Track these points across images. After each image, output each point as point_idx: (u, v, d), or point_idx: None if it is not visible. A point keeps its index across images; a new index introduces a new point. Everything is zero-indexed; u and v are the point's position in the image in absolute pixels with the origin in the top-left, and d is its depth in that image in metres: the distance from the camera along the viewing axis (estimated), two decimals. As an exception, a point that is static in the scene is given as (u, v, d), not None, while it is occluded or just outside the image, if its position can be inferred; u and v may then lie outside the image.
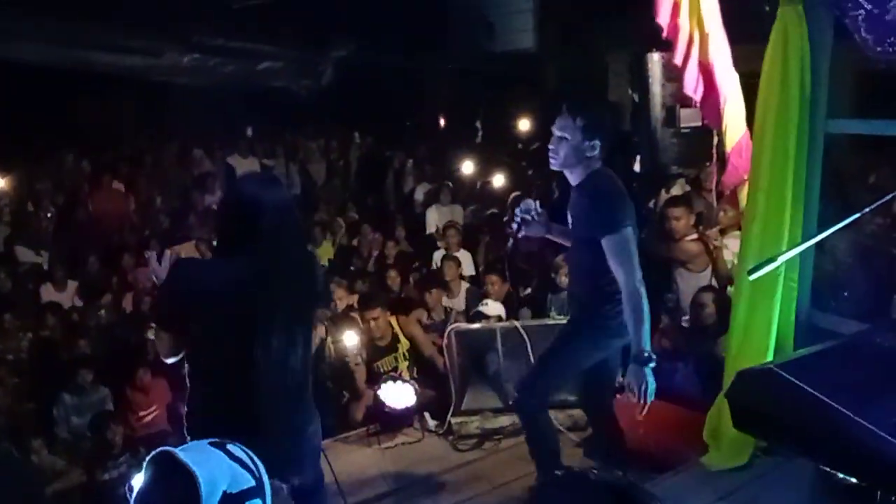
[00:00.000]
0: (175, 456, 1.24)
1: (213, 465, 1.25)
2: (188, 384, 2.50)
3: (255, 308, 2.32)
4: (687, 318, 4.90)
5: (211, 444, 1.33)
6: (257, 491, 1.28)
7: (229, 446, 1.31)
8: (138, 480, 3.14)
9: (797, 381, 1.77)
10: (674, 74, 5.45)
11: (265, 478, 1.31)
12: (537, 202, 3.36)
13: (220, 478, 1.24)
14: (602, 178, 3.13)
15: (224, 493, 1.22)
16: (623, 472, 2.84)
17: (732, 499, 3.38)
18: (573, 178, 3.21)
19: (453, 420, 4.62)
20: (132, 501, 1.25)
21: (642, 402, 3.07)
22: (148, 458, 1.27)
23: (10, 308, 6.42)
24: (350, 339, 5.02)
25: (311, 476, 2.65)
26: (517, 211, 3.36)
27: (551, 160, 3.20)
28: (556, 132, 3.14)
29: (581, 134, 3.08)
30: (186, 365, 2.52)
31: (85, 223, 8.55)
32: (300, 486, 2.45)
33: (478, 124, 11.96)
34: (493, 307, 5.56)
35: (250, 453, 1.32)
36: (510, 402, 4.05)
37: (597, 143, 3.08)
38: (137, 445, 4.92)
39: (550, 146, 3.18)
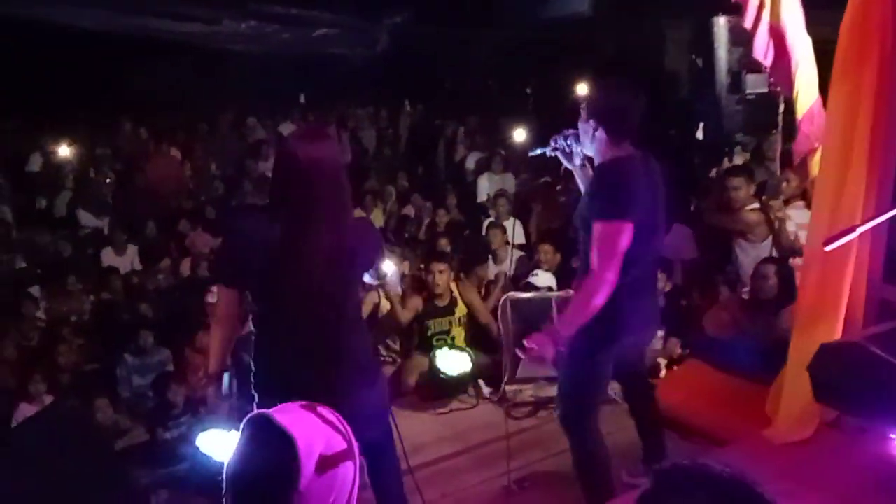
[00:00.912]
0: (271, 418, 1.25)
1: (308, 428, 1.26)
2: (254, 343, 2.53)
3: (302, 266, 2.32)
4: (747, 289, 4.80)
5: (302, 406, 1.33)
6: (349, 453, 1.28)
7: (320, 409, 1.31)
8: (203, 440, 3.21)
9: (885, 355, 1.71)
10: (741, 39, 5.29)
11: (354, 441, 1.31)
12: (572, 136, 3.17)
13: (316, 440, 1.24)
14: (610, 166, 2.94)
15: (320, 455, 1.23)
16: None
17: (794, 473, 3.30)
18: (596, 160, 3.08)
19: (507, 388, 4.63)
20: (228, 463, 1.26)
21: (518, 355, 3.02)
22: (244, 422, 1.28)
23: (73, 271, 6.61)
24: (388, 266, 5.02)
25: (381, 432, 2.67)
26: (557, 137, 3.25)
27: (575, 144, 3.14)
28: (582, 113, 3.05)
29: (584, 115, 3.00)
30: (252, 325, 2.55)
31: (143, 189, 8.73)
32: (373, 441, 2.52)
33: (528, 91, 11.80)
34: (543, 278, 5.52)
35: (339, 417, 1.32)
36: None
37: (591, 122, 2.95)
38: (197, 406, 5.03)
39: (579, 131, 3.09)
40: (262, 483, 1.22)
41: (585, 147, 3.06)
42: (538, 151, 3.38)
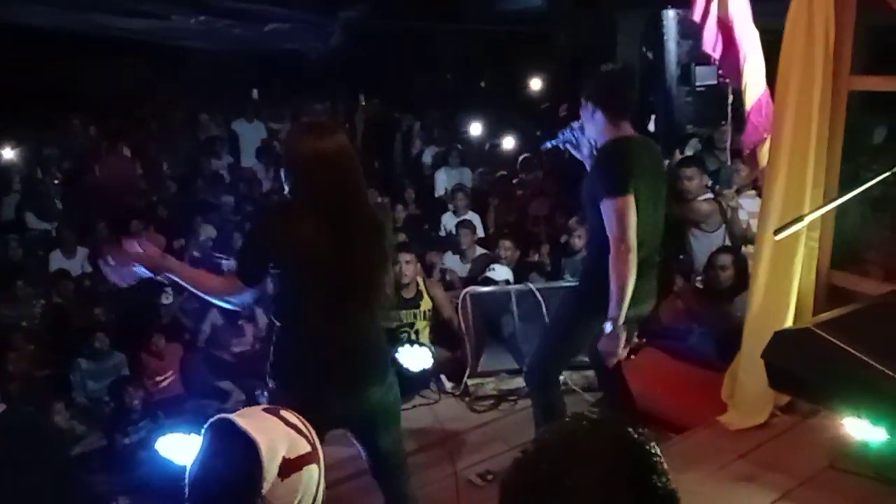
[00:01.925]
0: (234, 423, 1.24)
1: (271, 431, 1.25)
2: (276, 337, 2.53)
3: (321, 266, 2.35)
4: (700, 278, 4.89)
5: (265, 410, 1.32)
6: (313, 455, 1.28)
7: (283, 413, 1.30)
8: (162, 444, 3.16)
9: (836, 341, 1.76)
10: (690, 31, 5.37)
11: (318, 443, 1.31)
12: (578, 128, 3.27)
13: (279, 443, 1.24)
14: (611, 145, 3.06)
15: (283, 458, 1.22)
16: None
17: (752, 457, 3.39)
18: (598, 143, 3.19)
19: (469, 381, 4.65)
20: (190, 468, 1.24)
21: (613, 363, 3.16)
22: (206, 426, 1.27)
23: (22, 275, 6.44)
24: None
25: (395, 429, 2.76)
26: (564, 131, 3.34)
27: (578, 133, 3.25)
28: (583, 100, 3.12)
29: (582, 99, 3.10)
30: (273, 318, 2.56)
31: (93, 189, 8.52)
32: (387, 437, 2.69)
33: (483, 85, 11.83)
34: (500, 272, 5.56)
35: (303, 420, 1.32)
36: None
37: (590, 105, 3.06)
38: (155, 410, 4.97)
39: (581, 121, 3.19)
40: (225, 488, 1.21)
41: (589, 132, 3.16)
42: (549, 145, 3.50)
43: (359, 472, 3.05)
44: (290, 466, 1.22)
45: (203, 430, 1.27)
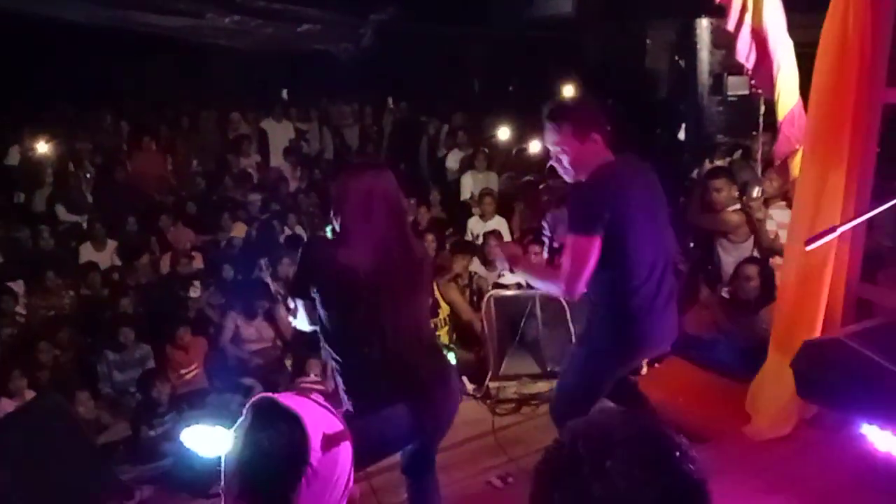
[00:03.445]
0: (276, 400, 1.28)
1: (310, 410, 1.28)
2: (337, 362, 2.59)
3: (367, 295, 2.45)
4: (727, 289, 4.86)
5: (297, 393, 1.36)
6: (345, 433, 1.32)
7: (313, 396, 1.34)
8: (187, 436, 3.22)
9: (866, 351, 1.75)
10: (723, 41, 5.36)
11: (345, 425, 1.34)
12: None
13: (318, 420, 1.27)
14: (584, 184, 2.85)
15: (323, 434, 1.26)
16: None
17: (776, 469, 3.36)
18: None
19: (491, 384, 4.66)
20: (232, 452, 1.27)
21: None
22: (248, 407, 1.30)
23: (53, 266, 6.55)
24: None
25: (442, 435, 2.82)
26: None
27: (565, 177, 3.00)
28: (551, 147, 2.92)
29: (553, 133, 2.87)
30: (328, 345, 2.62)
31: (123, 184, 8.64)
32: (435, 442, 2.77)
33: (511, 90, 11.83)
34: (510, 276, 5.57)
35: (330, 404, 1.35)
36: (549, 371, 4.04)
37: (553, 125, 2.84)
38: (180, 403, 5.02)
39: (555, 164, 2.98)
40: (274, 463, 1.24)
41: (562, 165, 2.92)
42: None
43: (387, 467, 3.07)
44: (330, 441, 1.26)
45: (245, 411, 1.29)
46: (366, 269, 2.44)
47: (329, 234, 2.64)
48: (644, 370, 4.78)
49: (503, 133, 9.50)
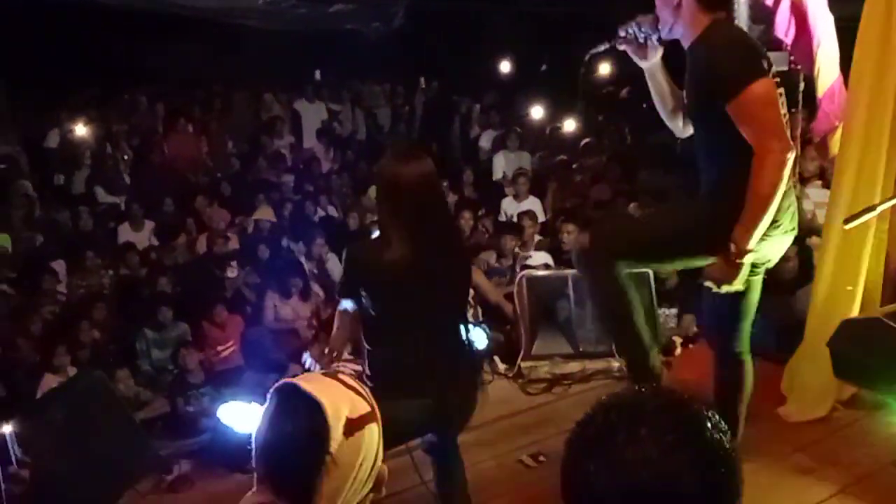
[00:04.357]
0: (298, 386, 1.29)
1: (333, 393, 1.30)
2: (367, 350, 2.62)
3: (406, 292, 2.47)
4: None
5: (325, 374, 1.37)
6: (372, 415, 1.33)
7: (341, 376, 1.35)
8: (224, 412, 3.27)
9: (906, 331, 1.73)
10: (762, 16, 5.23)
11: (375, 405, 1.35)
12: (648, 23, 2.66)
13: (342, 404, 1.28)
14: (719, 29, 2.46)
15: (347, 418, 1.27)
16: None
17: (810, 450, 3.33)
18: (684, 40, 2.56)
19: (523, 364, 4.66)
20: (256, 434, 1.30)
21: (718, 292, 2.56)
22: (271, 391, 1.32)
23: (92, 246, 6.68)
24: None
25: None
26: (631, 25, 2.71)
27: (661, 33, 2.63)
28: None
29: None
30: (363, 330, 2.65)
31: (160, 165, 8.76)
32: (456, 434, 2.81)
33: (544, 68, 11.72)
34: (537, 257, 5.55)
35: (360, 383, 1.36)
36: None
37: None
38: (216, 379, 5.11)
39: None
40: (294, 449, 1.26)
41: (667, 29, 2.58)
42: (601, 48, 2.83)
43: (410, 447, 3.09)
44: (354, 426, 1.27)
45: (268, 395, 1.31)
46: (406, 269, 2.45)
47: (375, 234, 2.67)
48: (678, 350, 4.76)
49: (536, 112, 9.43)
